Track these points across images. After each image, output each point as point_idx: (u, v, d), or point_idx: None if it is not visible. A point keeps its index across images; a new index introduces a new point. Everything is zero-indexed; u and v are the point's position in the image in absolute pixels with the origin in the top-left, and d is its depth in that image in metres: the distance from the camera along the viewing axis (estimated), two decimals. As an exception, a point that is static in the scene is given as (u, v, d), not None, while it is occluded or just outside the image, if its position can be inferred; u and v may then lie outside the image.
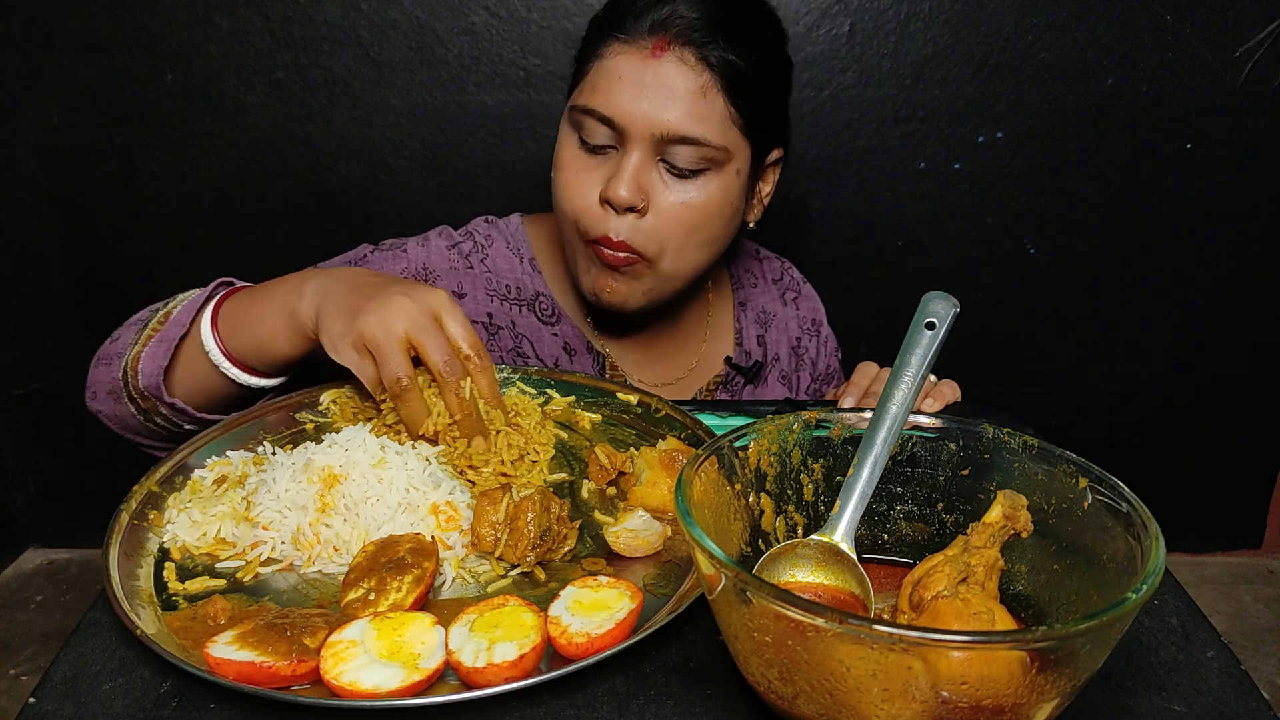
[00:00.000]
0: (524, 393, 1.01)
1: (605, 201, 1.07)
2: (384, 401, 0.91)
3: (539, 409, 0.98)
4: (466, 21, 2.05)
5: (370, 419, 0.94)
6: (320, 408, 1.00)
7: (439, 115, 2.13)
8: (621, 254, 1.09)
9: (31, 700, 0.63)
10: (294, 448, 0.88)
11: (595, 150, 1.09)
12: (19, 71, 2.10)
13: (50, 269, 2.28)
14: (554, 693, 0.63)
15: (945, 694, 0.50)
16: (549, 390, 1.04)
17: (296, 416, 0.99)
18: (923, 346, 0.69)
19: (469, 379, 0.88)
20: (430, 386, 0.88)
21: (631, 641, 0.64)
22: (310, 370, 1.04)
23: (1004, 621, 0.60)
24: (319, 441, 0.85)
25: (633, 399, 1.02)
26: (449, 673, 0.64)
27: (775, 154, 1.18)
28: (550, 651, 0.65)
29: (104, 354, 1.05)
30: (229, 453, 0.90)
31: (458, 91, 2.10)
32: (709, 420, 1.03)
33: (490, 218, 1.30)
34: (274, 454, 0.88)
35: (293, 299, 0.94)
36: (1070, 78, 2.10)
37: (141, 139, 2.16)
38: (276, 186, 2.19)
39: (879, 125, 2.15)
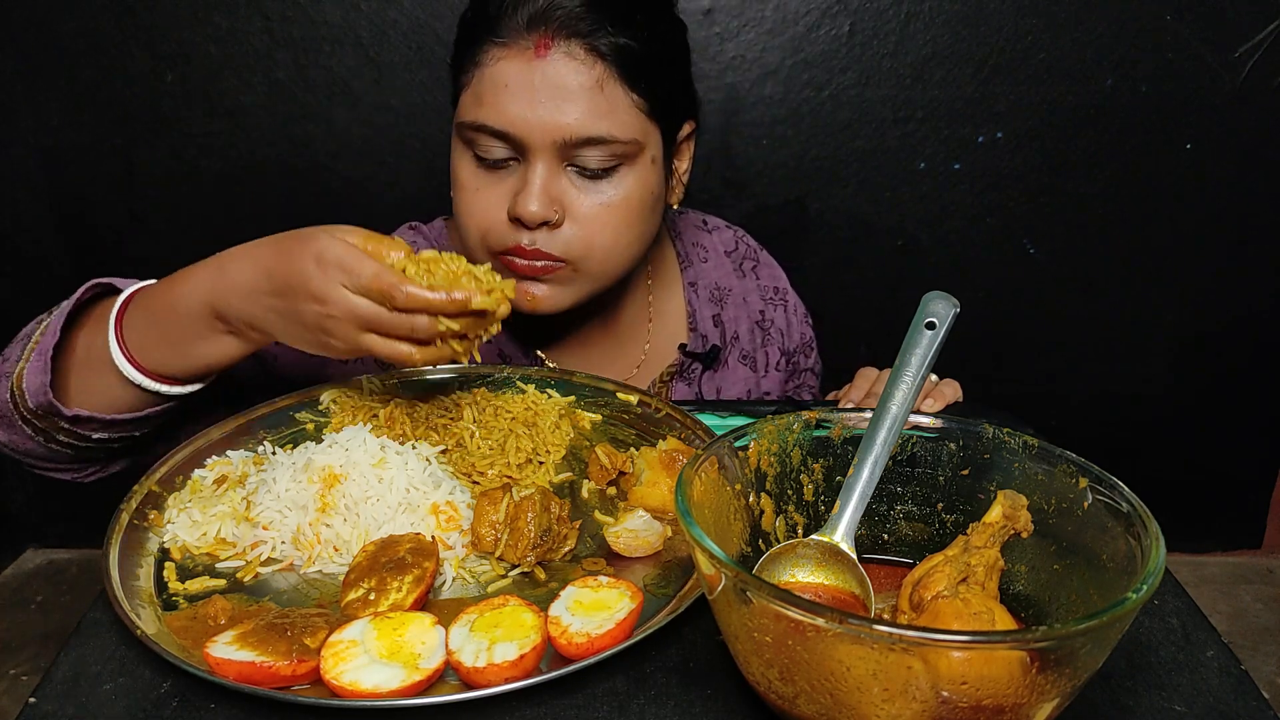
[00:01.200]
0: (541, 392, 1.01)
1: (514, 219, 1.00)
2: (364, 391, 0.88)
3: (558, 409, 0.98)
4: (466, 21, 2.05)
5: (371, 419, 0.94)
6: (320, 408, 1.00)
7: (439, 115, 2.13)
8: (539, 262, 1.02)
9: (32, 700, 0.63)
10: (294, 448, 0.88)
11: (494, 165, 1.01)
12: (19, 71, 2.10)
13: (50, 269, 2.28)
14: (554, 693, 0.63)
15: (945, 694, 0.50)
16: (549, 390, 1.04)
17: (296, 416, 0.99)
18: (923, 346, 0.69)
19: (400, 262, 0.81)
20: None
21: (631, 641, 0.64)
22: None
23: (1004, 621, 0.60)
24: (319, 441, 0.85)
25: (633, 399, 1.02)
26: (449, 673, 0.64)
27: (687, 128, 1.12)
28: (550, 651, 0.65)
29: None
30: (229, 453, 0.90)
31: (458, 91, 2.10)
32: (709, 420, 1.03)
33: (415, 224, 1.24)
34: (274, 454, 0.88)
35: (205, 315, 0.86)
36: (1070, 78, 2.10)
37: (141, 139, 2.16)
38: (276, 186, 2.19)
39: (879, 125, 2.15)
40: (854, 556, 0.67)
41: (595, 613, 0.66)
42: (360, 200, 2.21)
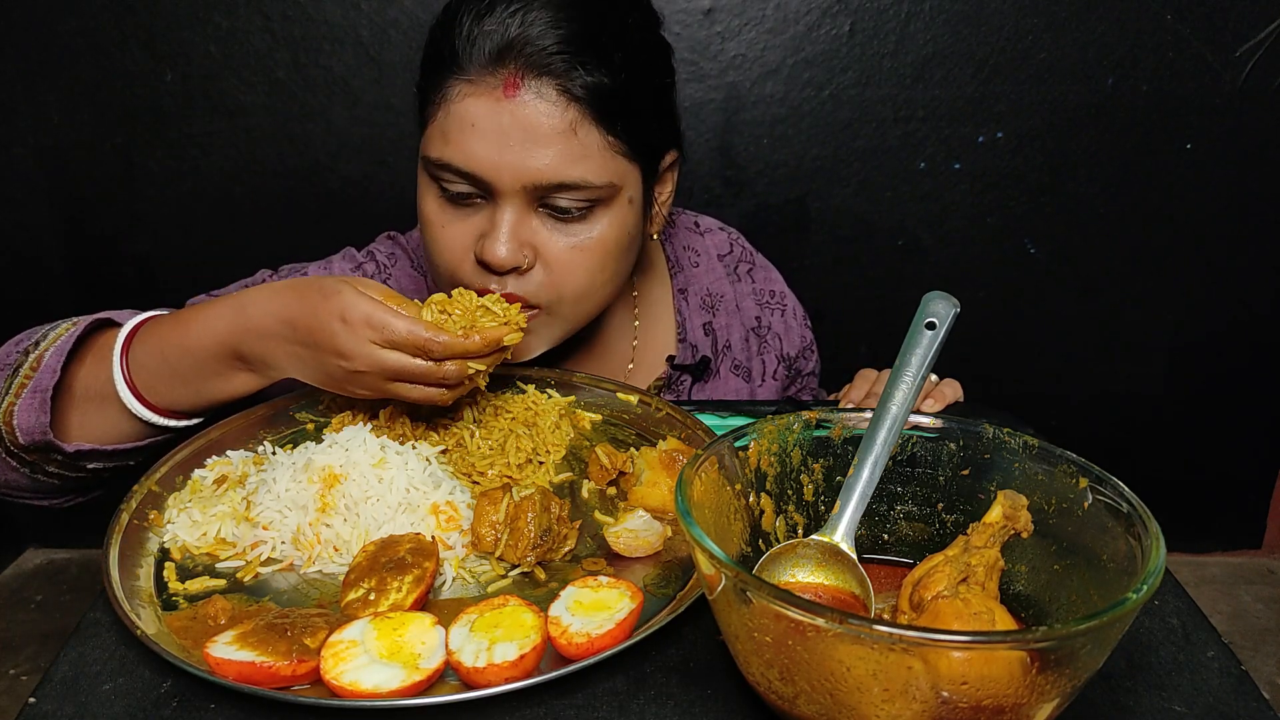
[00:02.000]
0: (541, 392, 1.01)
1: (482, 263, 0.95)
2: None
3: (558, 409, 0.98)
4: (466, 21, 2.04)
5: (371, 419, 0.94)
6: (320, 407, 1.00)
7: (439, 115, 2.12)
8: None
9: (31, 700, 0.63)
10: (294, 448, 0.88)
11: (460, 201, 0.95)
12: (19, 71, 2.10)
13: (50, 269, 2.28)
14: (554, 693, 0.63)
15: (945, 694, 0.50)
16: (549, 390, 1.04)
17: (296, 416, 0.99)
18: (923, 346, 0.69)
19: (441, 331, 0.82)
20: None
21: (631, 641, 0.64)
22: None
23: (1004, 621, 0.60)
24: (319, 441, 0.85)
25: (633, 399, 1.02)
26: (449, 673, 0.64)
27: (669, 159, 1.05)
28: (550, 651, 0.65)
29: None
30: (229, 453, 0.90)
31: (458, 91, 2.10)
32: (709, 420, 1.03)
33: (394, 234, 1.21)
34: (274, 454, 0.88)
35: (225, 358, 0.87)
36: (1070, 78, 2.10)
37: (141, 139, 2.16)
38: (276, 186, 2.19)
39: (879, 125, 2.15)
40: (854, 556, 0.67)
41: (595, 613, 0.66)
42: (360, 200, 2.21)
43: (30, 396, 0.86)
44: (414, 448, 0.86)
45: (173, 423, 0.92)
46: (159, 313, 0.94)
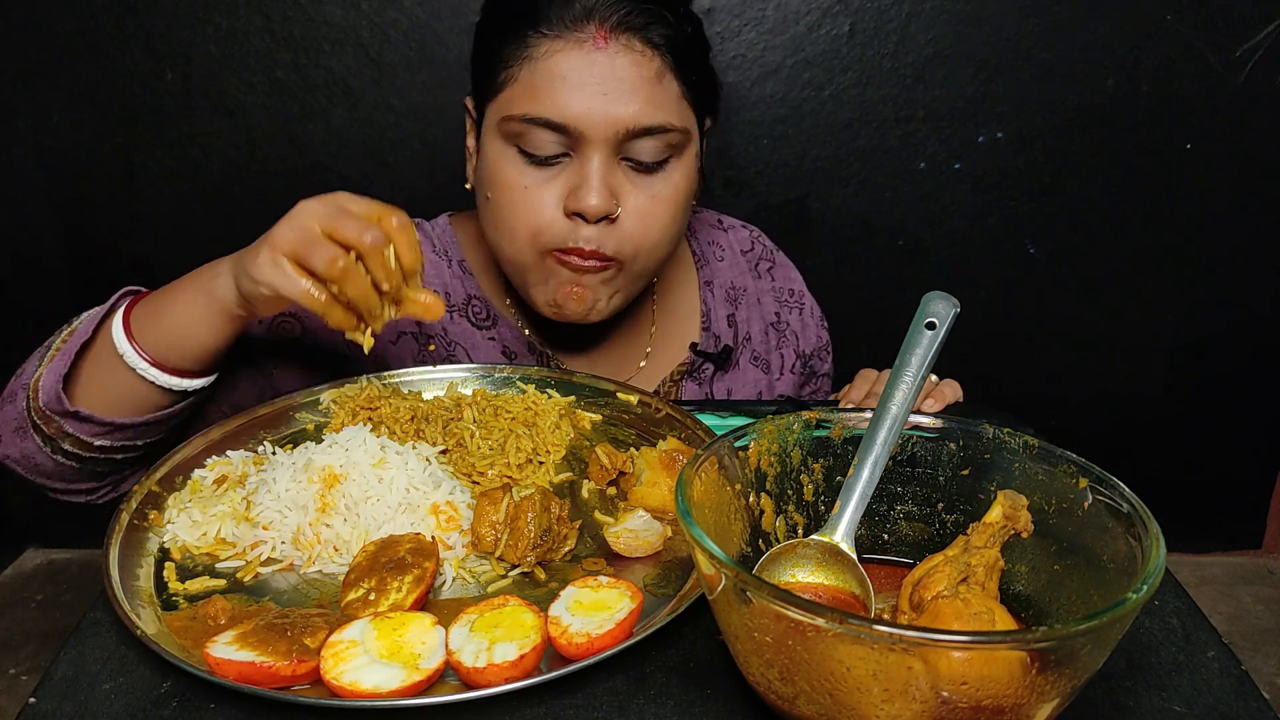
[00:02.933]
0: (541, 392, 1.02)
1: (574, 214, 0.98)
2: (362, 392, 0.91)
3: (558, 409, 0.98)
4: (466, 21, 2.04)
5: (370, 419, 0.94)
6: (320, 408, 1.00)
7: (439, 115, 2.13)
8: (591, 262, 1.01)
9: (32, 700, 0.63)
10: (294, 448, 0.88)
11: (544, 162, 0.99)
12: (19, 71, 2.10)
13: (50, 269, 2.28)
14: (554, 693, 0.63)
15: (945, 694, 0.50)
16: (549, 390, 1.04)
17: (296, 416, 0.99)
18: (923, 347, 0.69)
19: (390, 245, 0.82)
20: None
21: (631, 641, 0.65)
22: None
23: (1004, 622, 0.60)
24: (319, 441, 0.85)
25: (633, 399, 1.02)
26: (449, 673, 0.64)
27: (708, 124, 1.11)
28: (550, 651, 0.65)
29: (8, 392, 0.96)
30: (229, 453, 0.90)
31: (458, 91, 2.10)
32: (709, 420, 1.03)
33: (419, 220, 1.23)
34: (274, 454, 0.88)
35: (207, 280, 0.89)
36: (1070, 78, 2.10)
37: (141, 139, 2.15)
38: (276, 186, 2.19)
39: (879, 125, 2.15)
40: (854, 556, 0.67)
41: (595, 613, 0.66)
42: (360, 200, 2.20)
43: (60, 359, 0.90)
44: (414, 448, 0.86)
45: (168, 378, 0.92)
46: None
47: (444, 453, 0.90)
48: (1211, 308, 2.33)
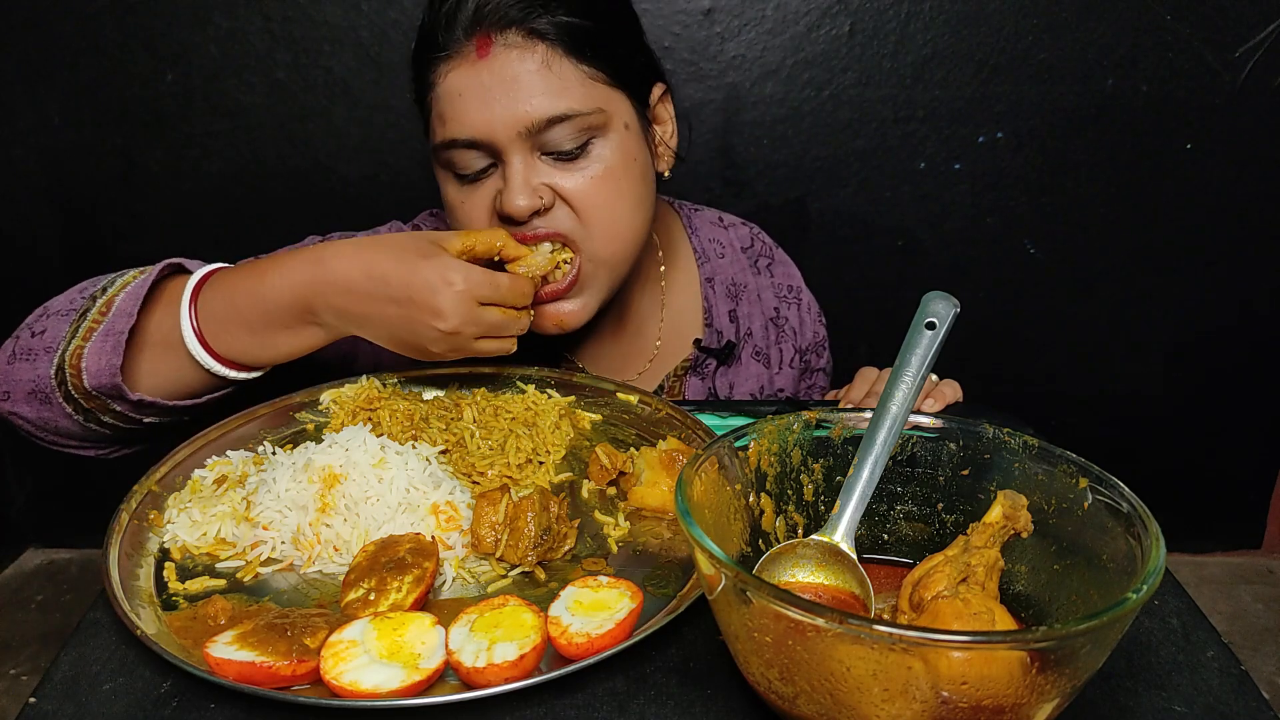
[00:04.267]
0: (541, 392, 1.02)
1: (505, 218, 1.00)
2: (362, 393, 0.97)
3: (558, 409, 0.98)
4: (466, 21, 2.05)
5: (370, 419, 0.94)
6: (320, 408, 1.00)
7: (439, 115, 2.13)
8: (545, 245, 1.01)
9: (32, 700, 0.63)
10: (294, 448, 0.88)
11: (475, 179, 1.02)
12: (19, 71, 2.10)
13: (50, 269, 2.28)
14: (554, 693, 0.63)
15: (945, 694, 0.50)
16: (549, 390, 1.04)
17: (296, 416, 0.99)
18: (923, 346, 0.69)
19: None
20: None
21: (631, 641, 0.64)
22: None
23: (1004, 621, 0.60)
24: (319, 441, 0.85)
25: (633, 399, 1.02)
26: (449, 673, 0.64)
27: (657, 91, 1.10)
28: (550, 651, 0.65)
29: (22, 349, 0.92)
30: (229, 453, 0.90)
31: (458, 91, 2.10)
32: (709, 420, 1.03)
33: (436, 210, 1.26)
34: (274, 454, 0.87)
35: (297, 311, 0.89)
36: (1070, 78, 2.10)
37: (141, 139, 2.16)
38: (276, 186, 2.19)
39: (879, 125, 2.15)
40: (854, 556, 0.67)
41: (595, 613, 0.66)
42: (360, 200, 2.20)
43: (102, 339, 0.88)
44: (414, 448, 0.86)
45: (235, 374, 0.93)
46: (226, 266, 0.96)
47: (444, 453, 0.90)
48: (1211, 307, 2.33)
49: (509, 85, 0.96)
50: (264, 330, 0.90)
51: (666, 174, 1.13)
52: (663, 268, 1.27)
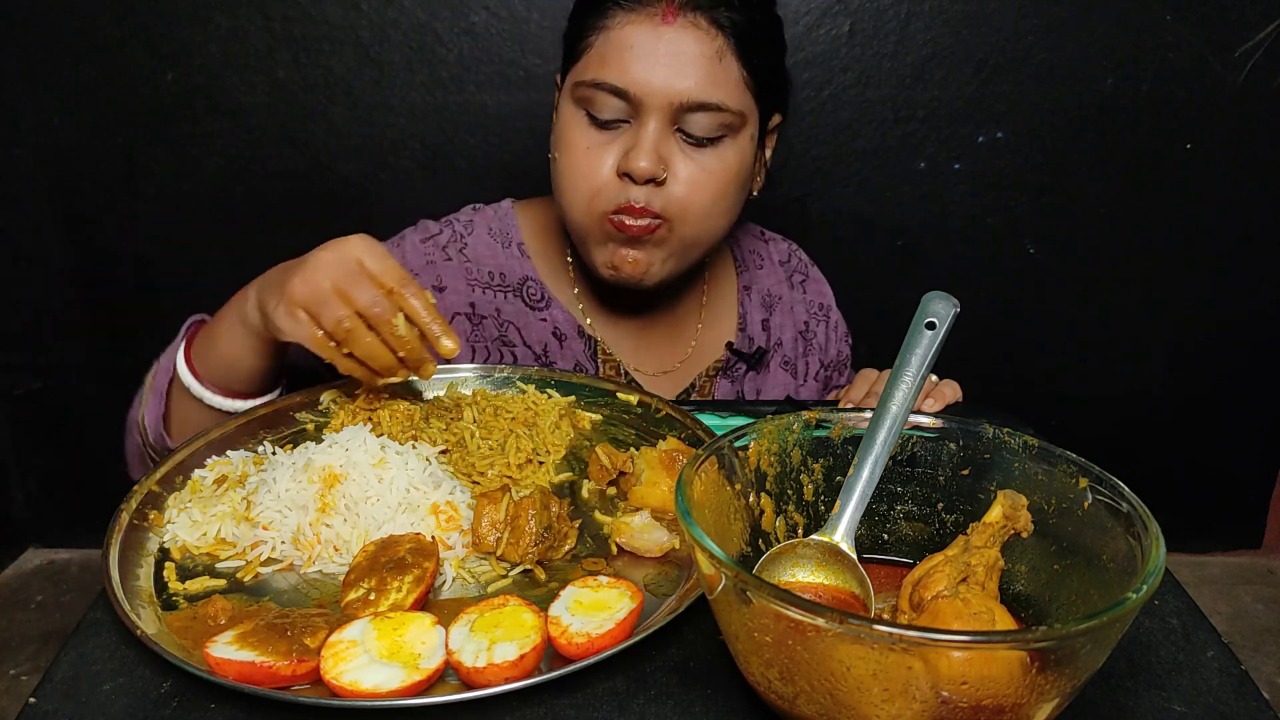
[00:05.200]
0: (541, 392, 1.02)
1: (624, 175, 1.05)
2: (362, 393, 0.94)
3: (558, 409, 0.98)
4: (466, 21, 2.04)
5: (370, 419, 0.94)
6: (320, 408, 1.00)
7: (439, 115, 2.13)
8: (644, 220, 1.06)
9: (32, 700, 0.63)
10: (294, 448, 0.88)
11: (606, 125, 1.06)
12: (19, 71, 2.10)
13: (50, 269, 2.28)
14: (554, 693, 0.63)
15: (945, 694, 0.50)
16: (549, 390, 1.04)
17: (297, 416, 0.99)
18: (923, 346, 0.69)
19: (400, 314, 0.86)
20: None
21: (631, 641, 0.65)
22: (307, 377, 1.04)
23: (1004, 621, 0.60)
24: (319, 441, 0.85)
25: (633, 399, 1.02)
26: (449, 673, 0.64)
27: (775, 119, 1.17)
28: (550, 651, 0.65)
29: (127, 424, 1.06)
30: (229, 453, 0.90)
31: (458, 91, 2.10)
32: (709, 420, 1.03)
33: (479, 205, 1.28)
34: (274, 454, 0.88)
35: (240, 306, 0.94)
36: (1070, 78, 2.10)
37: (141, 139, 2.15)
38: (276, 186, 2.19)
39: (879, 125, 2.15)
40: (854, 556, 0.67)
41: (595, 613, 0.66)
42: (360, 200, 2.20)
43: (152, 397, 0.99)
44: (414, 448, 0.86)
45: (234, 404, 0.98)
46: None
47: (444, 453, 0.90)
48: (1211, 308, 2.33)
49: (681, 59, 1.01)
50: (226, 348, 0.96)
51: (755, 194, 1.20)
52: (706, 283, 1.31)
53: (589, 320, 1.24)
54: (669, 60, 1.01)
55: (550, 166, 1.14)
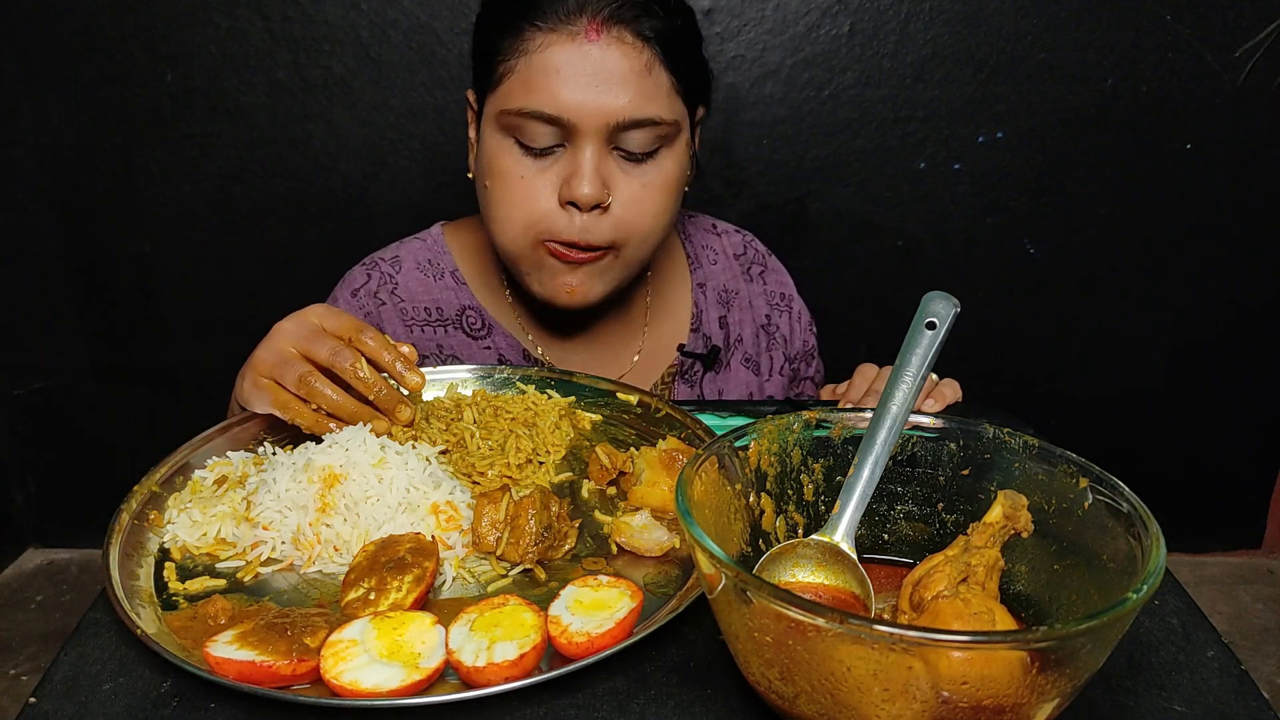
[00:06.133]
0: (541, 393, 1.02)
1: (568, 203, 1.01)
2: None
3: (558, 409, 0.98)
4: (466, 21, 2.04)
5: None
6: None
7: (439, 115, 2.13)
8: (591, 252, 1.04)
9: (32, 700, 0.63)
10: (294, 448, 0.88)
11: (540, 153, 1.01)
12: (19, 71, 2.10)
13: (50, 269, 2.28)
14: (554, 692, 0.63)
15: (946, 694, 0.50)
16: (549, 390, 1.04)
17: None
18: (923, 346, 0.69)
19: (360, 359, 0.87)
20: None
21: (631, 641, 0.64)
22: None
23: (1004, 621, 0.60)
24: (319, 441, 0.85)
25: (633, 399, 1.02)
26: (449, 672, 0.64)
27: (701, 112, 1.13)
28: (550, 651, 0.65)
29: None
30: (229, 453, 0.90)
31: (457, 91, 2.10)
32: (709, 420, 1.03)
33: (406, 238, 1.24)
34: (274, 454, 0.87)
35: (234, 397, 0.95)
36: (1070, 78, 2.10)
37: (141, 139, 2.16)
38: (276, 186, 2.19)
39: (879, 125, 2.15)
40: (854, 556, 0.67)
41: (595, 612, 0.66)
42: (360, 200, 2.21)
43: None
44: (414, 448, 0.86)
45: None
46: None
47: (444, 453, 0.90)
48: (1211, 307, 2.33)
49: (611, 78, 0.97)
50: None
51: (687, 189, 1.15)
52: (650, 282, 1.26)
53: (532, 338, 1.21)
54: (599, 80, 0.97)
55: (480, 194, 1.09)
